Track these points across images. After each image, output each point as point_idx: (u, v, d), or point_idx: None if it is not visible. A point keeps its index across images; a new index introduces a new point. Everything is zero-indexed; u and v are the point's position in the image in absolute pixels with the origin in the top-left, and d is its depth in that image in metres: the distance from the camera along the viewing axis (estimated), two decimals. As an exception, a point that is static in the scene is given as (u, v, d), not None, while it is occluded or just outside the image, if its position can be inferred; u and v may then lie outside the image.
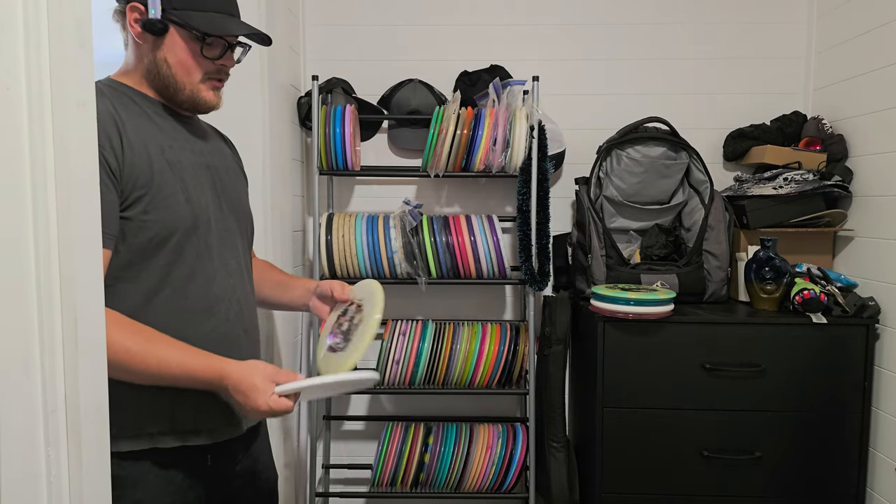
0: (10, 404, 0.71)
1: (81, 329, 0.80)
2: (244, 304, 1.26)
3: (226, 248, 1.23)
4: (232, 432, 1.23)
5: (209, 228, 1.19)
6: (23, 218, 0.72)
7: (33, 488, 0.75)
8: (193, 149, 1.22)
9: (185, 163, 1.18)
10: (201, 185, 1.20)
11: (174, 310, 1.15)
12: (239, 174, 1.37)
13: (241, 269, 1.28)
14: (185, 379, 1.09)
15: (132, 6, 1.14)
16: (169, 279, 1.14)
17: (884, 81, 1.93)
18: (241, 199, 1.32)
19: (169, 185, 1.13)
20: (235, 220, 1.28)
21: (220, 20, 1.18)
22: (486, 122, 2.08)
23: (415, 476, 2.18)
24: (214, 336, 1.19)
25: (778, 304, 2.00)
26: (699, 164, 2.15)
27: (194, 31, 1.15)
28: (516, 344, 2.15)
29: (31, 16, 0.72)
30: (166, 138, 1.17)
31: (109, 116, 1.09)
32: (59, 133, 0.76)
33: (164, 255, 1.13)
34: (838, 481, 1.90)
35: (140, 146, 1.11)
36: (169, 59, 1.17)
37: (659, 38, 2.37)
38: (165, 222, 1.12)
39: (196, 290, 1.17)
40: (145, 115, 1.16)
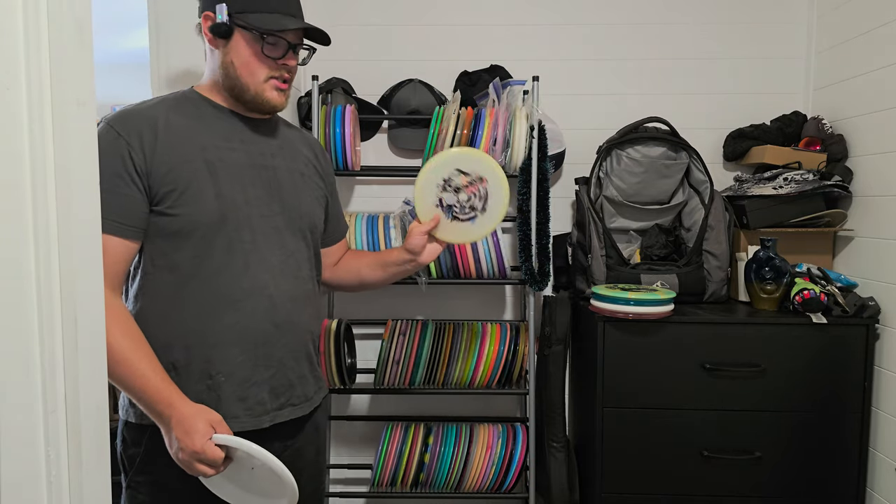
0: (10, 404, 0.71)
1: (81, 329, 0.80)
2: (278, 299, 1.27)
3: (266, 244, 1.27)
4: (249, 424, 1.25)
5: (245, 224, 1.24)
6: (23, 218, 0.72)
7: (33, 488, 0.75)
8: (248, 150, 1.28)
9: (230, 161, 1.24)
10: (245, 183, 1.25)
11: (200, 300, 1.21)
12: (309, 177, 1.40)
13: (286, 265, 1.30)
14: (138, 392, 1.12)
15: (205, 15, 1.24)
16: (197, 271, 1.20)
17: (884, 81, 1.93)
18: (300, 199, 1.35)
19: (199, 181, 1.20)
20: (287, 218, 1.31)
21: (278, 19, 1.24)
22: (486, 122, 2.08)
23: (415, 476, 2.18)
24: (237, 329, 1.23)
25: (778, 304, 2.00)
26: (699, 164, 2.15)
27: (254, 30, 1.23)
28: (516, 344, 2.15)
29: (31, 16, 0.72)
30: (213, 139, 1.24)
31: (150, 119, 1.19)
32: (59, 133, 0.76)
33: (191, 247, 1.20)
34: (838, 481, 1.90)
35: (177, 145, 1.19)
36: (234, 61, 1.24)
37: (659, 38, 2.37)
38: (191, 216, 1.19)
39: (222, 283, 1.22)
40: (199, 119, 1.25)
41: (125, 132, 1.16)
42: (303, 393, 1.34)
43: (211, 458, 1.10)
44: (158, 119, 1.20)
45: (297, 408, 1.33)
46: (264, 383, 1.26)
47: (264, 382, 1.26)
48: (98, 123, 1.15)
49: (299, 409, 1.33)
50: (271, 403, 1.28)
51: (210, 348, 1.21)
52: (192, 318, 1.20)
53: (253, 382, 1.25)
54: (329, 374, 2.14)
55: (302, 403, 1.34)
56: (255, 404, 1.25)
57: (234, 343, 1.22)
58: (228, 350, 1.22)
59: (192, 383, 1.20)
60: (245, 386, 1.24)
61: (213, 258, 1.21)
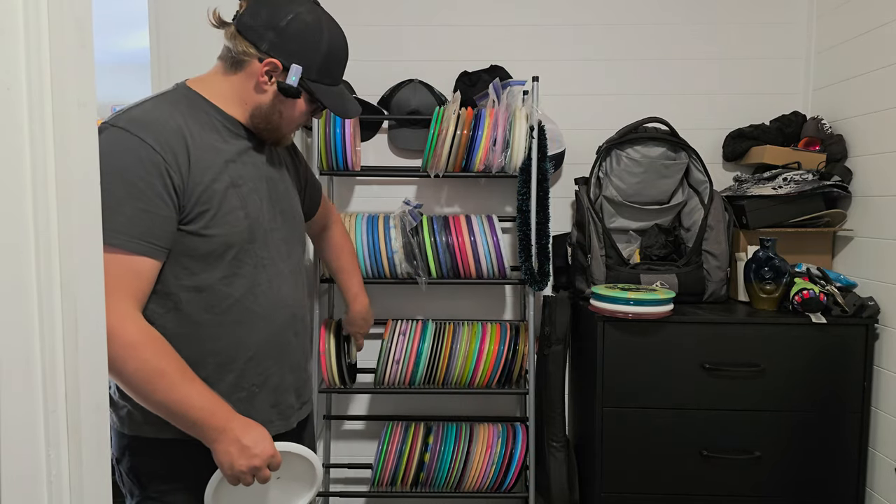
0: (10, 404, 0.71)
1: (81, 329, 0.80)
2: (296, 309, 1.33)
3: (280, 257, 1.29)
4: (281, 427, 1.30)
5: (266, 240, 1.25)
6: (23, 218, 0.72)
7: (33, 488, 0.75)
8: (255, 162, 1.28)
9: (247, 177, 1.24)
10: (260, 197, 1.26)
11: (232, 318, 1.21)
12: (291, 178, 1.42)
13: (295, 275, 1.34)
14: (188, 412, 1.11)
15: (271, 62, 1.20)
16: (230, 290, 1.20)
17: (884, 81, 1.93)
18: (293, 206, 1.38)
19: (231, 201, 1.19)
20: (290, 227, 1.34)
21: (343, 102, 1.30)
22: (486, 123, 2.08)
23: (415, 476, 2.18)
24: (268, 342, 1.26)
25: (777, 304, 2.00)
26: (699, 165, 2.15)
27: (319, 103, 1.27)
28: (516, 344, 2.15)
29: (31, 16, 0.72)
30: (231, 153, 1.22)
31: (178, 132, 1.14)
32: (59, 133, 0.76)
33: (223, 266, 1.19)
34: (838, 481, 1.90)
35: (207, 162, 1.17)
36: (284, 112, 1.25)
37: (659, 38, 2.37)
38: (225, 237, 1.18)
39: (253, 300, 1.23)
40: (215, 130, 1.21)
41: (159, 147, 1.10)
42: (310, 389, 1.46)
43: (277, 462, 1.16)
44: (184, 132, 1.15)
45: (307, 403, 1.42)
46: (290, 388, 1.33)
47: (290, 387, 1.33)
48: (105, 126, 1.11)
49: (310, 405, 1.44)
50: (297, 403, 1.35)
51: (244, 363, 1.23)
52: (225, 336, 1.21)
53: (284, 389, 1.31)
54: (329, 374, 2.14)
55: (309, 399, 1.44)
56: (286, 408, 1.31)
57: (266, 356, 1.26)
58: (261, 363, 1.26)
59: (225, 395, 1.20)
60: (277, 392, 1.29)
61: (243, 276, 1.21)
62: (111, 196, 1.05)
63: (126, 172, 1.08)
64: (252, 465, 1.13)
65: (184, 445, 1.17)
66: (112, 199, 1.05)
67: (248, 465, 1.13)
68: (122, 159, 1.08)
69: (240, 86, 1.23)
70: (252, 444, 1.13)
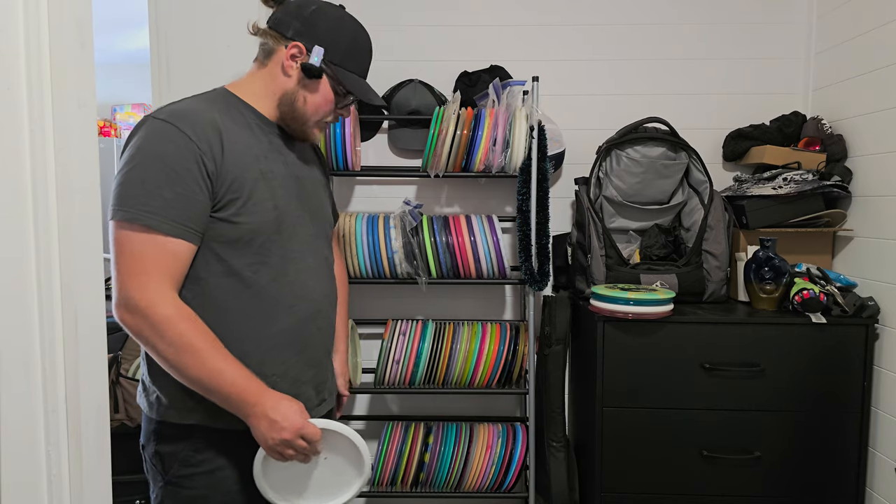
0: (10, 404, 0.71)
1: (81, 329, 0.80)
2: (321, 303, 1.34)
3: (307, 252, 1.32)
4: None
5: (292, 233, 1.29)
6: (23, 218, 0.72)
7: (33, 488, 0.75)
8: (286, 160, 1.32)
9: (277, 173, 1.28)
10: (289, 193, 1.30)
11: (257, 306, 1.24)
12: (321, 183, 1.46)
13: (321, 269, 1.36)
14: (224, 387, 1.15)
15: (296, 45, 1.26)
16: (255, 277, 1.23)
17: (884, 81, 1.93)
18: (322, 206, 1.42)
19: (261, 191, 1.22)
20: (318, 226, 1.38)
21: (366, 87, 1.33)
22: (486, 123, 2.08)
23: (415, 476, 2.19)
24: (290, 333, 1.28)
25: (777, 304, 2.00)
26: (699, 165, 2.15)
27: (342, 87, 1.29)
28: (516, 344, 2.15)
29: (31, 16, 0.72)
30: (263, 149, 1.27)
31: (213, 124, 1.20)
32: (59, 133, 0.76)
33: (251, 254, 1.22)
34: (838, 481, 1.90)
35: (239, 154, 1.21)
36: (308, 99, 1.28)
37: (659, 38, 2.37)
38: (253, 225, 1.21)
39: (277, 290, 1.25)
40: (248, 127, 1.26)
41: (195, 136, 1.15)
42: (331, 387, 1.44)
43: (311, 434, 1.18)
44: (219, 125, 1.21)
45: (327, 402, 1.41)
46: (309, 382, 1.33)
47: (309, 381, 1.33)
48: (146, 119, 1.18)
49: (328, 403, 1.43)
50: (315, 399, 1.36)
51: (265, 352, 1.25)
52: (249, 323, 1.23)
53: (302, 382, 1.31)
54: (329, 374, 2.14)
55: (329, 397, 1.43)
56: (305, 401, 1.31)
57: (287, 346, 1.28)
58: (282, 352, 1.27)
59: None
60: (297, 385, 1.30)
61: (269, 266, 1.24)
62: (151, 180, 1.12)
63: (166, 158, 1.13)
64: (282, 438, 1.16)
65: (206, 432, 1.22)
66: (151, 184, 1.12)
67: (279, 437, 1.16)
68: (162, 147, 1.14)
69: (269, 77, 1.29)
70: (281, 417, 1.15)
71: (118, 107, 5.05)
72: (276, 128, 1.32)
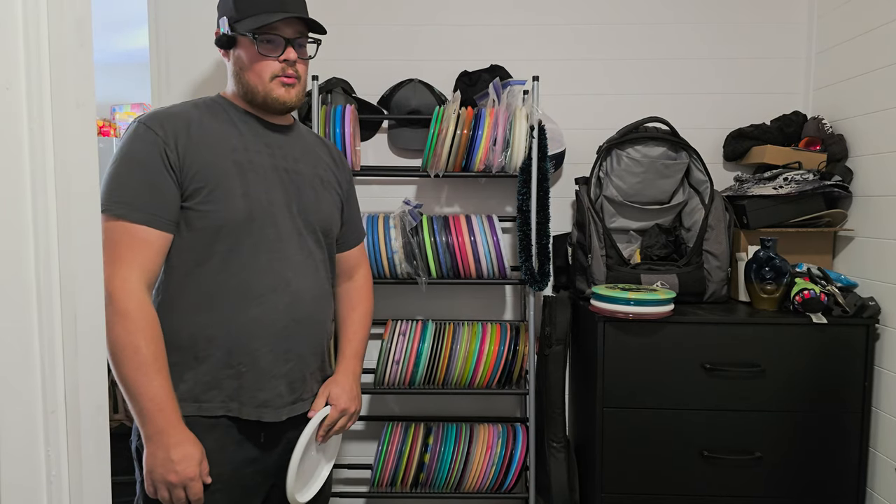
0: (10, 404, 0.71)
1: (81, 329, 0.80)
2: (300, 295, 1.32)
3: (290, 244, 1.32)
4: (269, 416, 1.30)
5: (270, 224, 1.29)
6: (22, 218, 0.72)
7: (33, 488, 0.75)
8: (273, 153, 1.34)
9: (257, 164, 1.30)
10: (270, 185, 1.31)
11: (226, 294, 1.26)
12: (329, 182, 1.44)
13: (306, 265, 1.35)
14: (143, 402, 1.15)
15: (216, 32, 1.33)
16: (225, 266, 1.25)
17: (884, 81, 1.93)
18: (319, 204, 1.40)
19: (228, 181, 1.25)
20: (305, 221, 1.36)
21: (266, 16, 1.27)
22: (486, 122, 2.08)
23: (415, 476, 2.18)
24: (261, 322, 1.27)
25: (778, 304, 2.00)
26: (699, 164, 2.15)
27: (247, 33, 1.28)
28: (516, 344, 2.15)
29: (30, 16, 0.72)
30: (242, 142, 1.30)
31: (184, 119, 1.26)
32: (58, 133, 0.76)
33: (220, 242, 1.25)
34: (838, 481, 1.90)
35: (210, 145, 1.26)
36: (241, 67, 1.32)
37: (659, 38, 2.37)
38: (220, 213, 1.24)
39: (248, 278, 1.27)
40: (230, 122, 1.32)
41: (161, 131, 1.22)
42: (312, 389, 1.39)
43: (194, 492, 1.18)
44: (192, 120, 1.27)
45: (306, 402, 1.37)
46: (282, 377, 1.31)
47: (282, 376, 1.31)
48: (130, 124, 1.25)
49: (308, 404, 1.38)
50: (288, 397, 1.32)
51: (234, 339, 1.26)
52: (218, 311, 1.25)
53: (272, 375, 1.29)
54: (329, 374, 2.14)
55: (310, 399, 1.39)
56: (275, 397, 1.30)
57: (257, 336, 1.27)
58: (251, 342, 1.27)
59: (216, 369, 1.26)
60: (266, 378, 1.29)
61: (240, 254, 1.26)
62: (119, 175, 1.20)
63: (135, 153, 1.21)
64: (167, 480, 1.16)
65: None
66: (123, 178, 1.19)
67: (164, 478, 1.15)
68: (134, 145, 1.22)
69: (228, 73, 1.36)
70: (178, 459, 1.15)
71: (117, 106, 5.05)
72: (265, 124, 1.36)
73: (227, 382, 1.26)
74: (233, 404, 1.27)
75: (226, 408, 1.26)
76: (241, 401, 1.27)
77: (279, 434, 1.33)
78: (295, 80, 1.33)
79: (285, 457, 1.32)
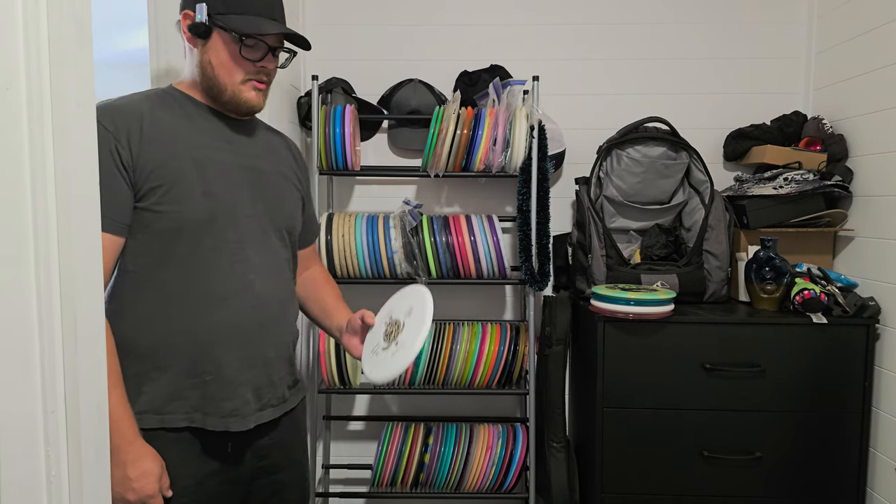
0: (10, 404, 0.71)
1: (81, 329, 0.80)
2: (267, 298, 1.28)
3: (252, 244, 1.27)
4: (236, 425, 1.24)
5: (233, 224, 1.24)
6: (22, 217, 0.72)
7: (33, 488, 0.75)
8: (234, 150, 1.28)
9: (217, 161, 1.24)
10: (232, 183, 1.25)
11: (187, 299, 1.20)
12: (290, 179, 1.40)
13: (270, 266, 1.30)
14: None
15: (185, 13, 1.23)
16: (185, 269, 1.19)
17: (884, 81, 1.92)
18: (283, 202, 1.35)
19: (186, 179, 1.18)
20: (270, 219, 1.31)
21: (259, 22, 1.24)
22: (486, 122, 2.08)
23: (415, 476, 2.18)
24: (224, 327, 1.22)
25: (778, 304, 2.00)
26: (699, 164, 2.15)
27: (233, 32, 1.22)
28: (516, 344, 2.15)
29: (30, 16, 0.72)
30: (201, 138, 1.24)
31: (136, 114, 1.19)
32: (58, 133, 0.76)
33: (179, 245, 1.18)
34: (838, 481, 1.90)
35: (165, 142, 1.18)
36: (213, 61, 1.24)
37: (659, 38, 2.37)
38: (178, 214, 1.17)
39: (209, 282, 1.21)
40: (185, 117, 1.24)
41: (111, 126, 1.15)
42: (281, 394, 1.34)
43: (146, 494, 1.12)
44: (144, 115, 1.19)
45: (275, 409, 1.32)
46: (247, 384, 1.26)
47: (247, 383, 1.25)
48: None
49: (278, 410, 1.33)
50: (255, 404, 1.27)
51: (196, 347, 1.20)
52: (179, 317, 1.19)
53: (239, 383, 1.24)
54: (329, 374, 2.14)
55: (280, 404, 1.34)
56: (242, 404, 1.24)
57: (221, 342, 1.22)
58: (215, 349, 1.21)
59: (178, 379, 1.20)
60: (232, 386, 1.23)
61: (200, 256, 1.20)
62: None
63: None
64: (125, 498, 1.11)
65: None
66: None
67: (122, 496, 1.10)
68: None
69: (188, 61, 1.27)
70: (135, 477, 1.11)
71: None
72: (223, 118, 1.29)
73: (191, 392, 1.20)
74: (196, 415, 1.21)
75: (189, 419, 1.21)
76: (205, 411, 1.21)
77: (247, 442, 1.28)
78: (265, 85, 1.29)
79: (254, 465, 1.28)
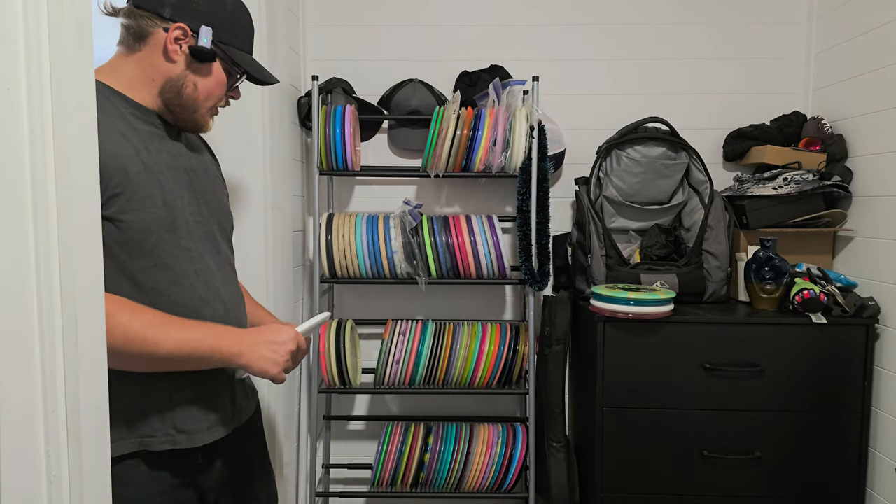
0: (10, 404, 0.71)
1: (81, 329, 0.80)
2: (229, 303, 1.26)
3: (207, 250, 1.23)
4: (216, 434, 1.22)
5: (187, 231, 1.19)
6: (23, 218, 0.72)
7: (33, 488, 0.75)
8: (171, 151, 1.21)
9: (162, 165, 1.17)
10: (180, 186, 1.19)
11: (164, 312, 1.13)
12: (218, 177, 1.37)
13: (225, 270, 1.28)
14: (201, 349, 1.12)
15: (179, 27, 1.15)
16: (155, 281, 1.13)
17: (884, 81, 1.93)
18: (221, 202, 1.32)
19: (146, 186, 1.11)
20: (217, 221, 1.28)
21: (258, 65, 1.28)
22: (486, 122, 2.08)
23: (415, 476, 2.18)
24: None
25: (778, 304, 2.00)
26: (699, 164, 2.15)
27: (237, 68, 1.23)
28: (516, 344, 2.15)
29: (31, 16, 0.72)
30: (142, 140, 1.15)
31: None
32: (58, 133, 0.76)
33: (143, 256, 1.12)
34: (838, 481, 1.90)
35: (115, 147, 1.09)
36: (199, 84, 1.19)
37: (658, 39, 2.37)
38: (141, 223, 1.10)
39: (180, 293, 1.16)
40: (122, 117, 1.14)
41: None
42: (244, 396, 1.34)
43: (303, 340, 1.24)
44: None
45: (245, 409, 1.33)
46: (224, 392, 1.25)
47: (224, 392, 1.25)
48: None
49: (245, 413, 1.33)
50: (231, 410, 1.26)
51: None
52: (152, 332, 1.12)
53: (217, 393, 1.23)
54: (329, 374, 2.14)
55: (247, 401, 1.34)
56: (221, 413, 1.23)
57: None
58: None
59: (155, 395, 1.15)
60: (211, 396, 1.22)
61: (167, 268, 1.14)
62: None
63: None
64: (289, 349, 1.19)
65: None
66: None
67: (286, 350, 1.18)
68: None
69: (146, 62, 1.16)
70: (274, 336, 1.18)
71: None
72: (155, 116, 1.19)
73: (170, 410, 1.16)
74: (181, 437, 1.16)
75: (172, 441, 1.15)
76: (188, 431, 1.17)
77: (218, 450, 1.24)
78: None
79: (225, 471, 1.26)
